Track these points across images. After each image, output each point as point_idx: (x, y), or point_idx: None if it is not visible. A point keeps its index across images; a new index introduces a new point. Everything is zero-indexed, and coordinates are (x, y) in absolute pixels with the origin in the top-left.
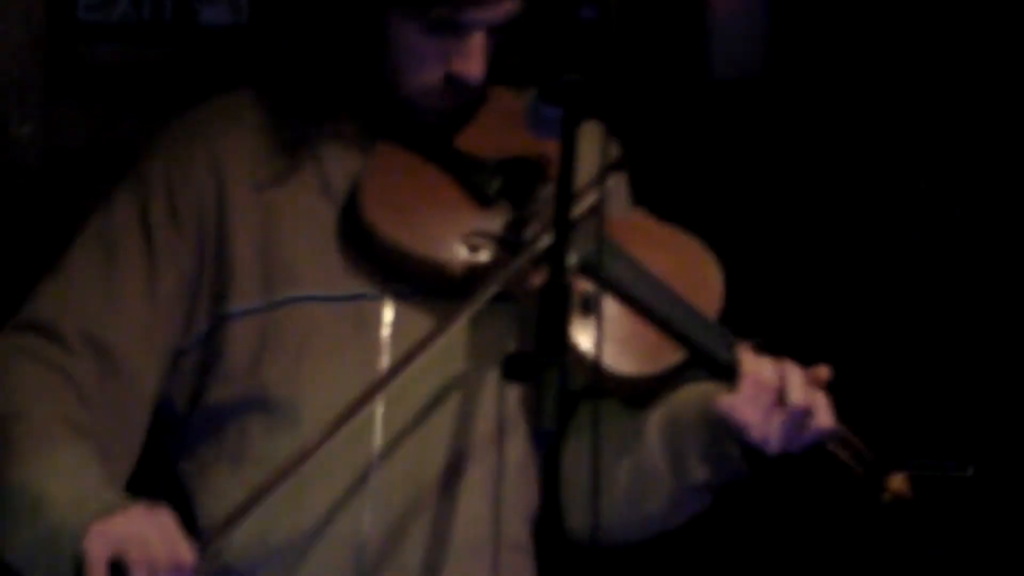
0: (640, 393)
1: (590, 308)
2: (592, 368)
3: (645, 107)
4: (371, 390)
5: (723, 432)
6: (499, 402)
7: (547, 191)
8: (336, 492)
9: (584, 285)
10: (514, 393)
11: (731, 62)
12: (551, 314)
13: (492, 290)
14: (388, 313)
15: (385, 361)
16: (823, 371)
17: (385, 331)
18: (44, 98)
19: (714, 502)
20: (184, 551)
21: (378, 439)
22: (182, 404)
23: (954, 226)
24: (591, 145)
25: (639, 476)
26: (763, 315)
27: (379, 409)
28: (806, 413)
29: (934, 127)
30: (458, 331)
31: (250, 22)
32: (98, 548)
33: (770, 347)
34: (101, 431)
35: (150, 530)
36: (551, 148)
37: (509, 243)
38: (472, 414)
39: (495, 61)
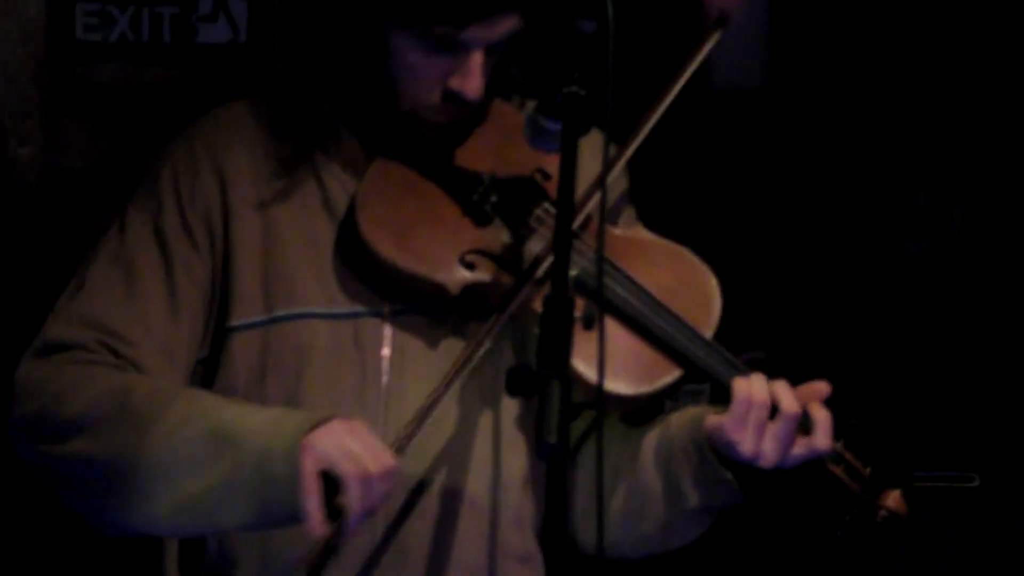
0: (637, 410)
1: (591, 325)
2: (590, 387)
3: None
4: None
5: (713, 456)
6: (496, 418)
7: (545, 207)
8: None
9: (585, 301)
10: (512, 409)
11: (732, 73)
12: (553, 329)
13: (508, 315)
14: (387, 330)
15: (385, 378)
16: (822, 387)
17: (385, 349)
18: (44, 118)
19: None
20: (388, 456)
21: None
22: None
23: (952, 238)
24: (592, 156)
25: (635, 497)
26: (764, 325)
27: (378, 428)
28: (796, 422)
29: (933, 139)
30: (454, 350)
31: (248, 41)
32: (310, 463)
33: (770, 359)
34: None
35: (352, 441)
36: (550, 162)
37: (507, 261)
38: (470, 431)
39: (496, 75)
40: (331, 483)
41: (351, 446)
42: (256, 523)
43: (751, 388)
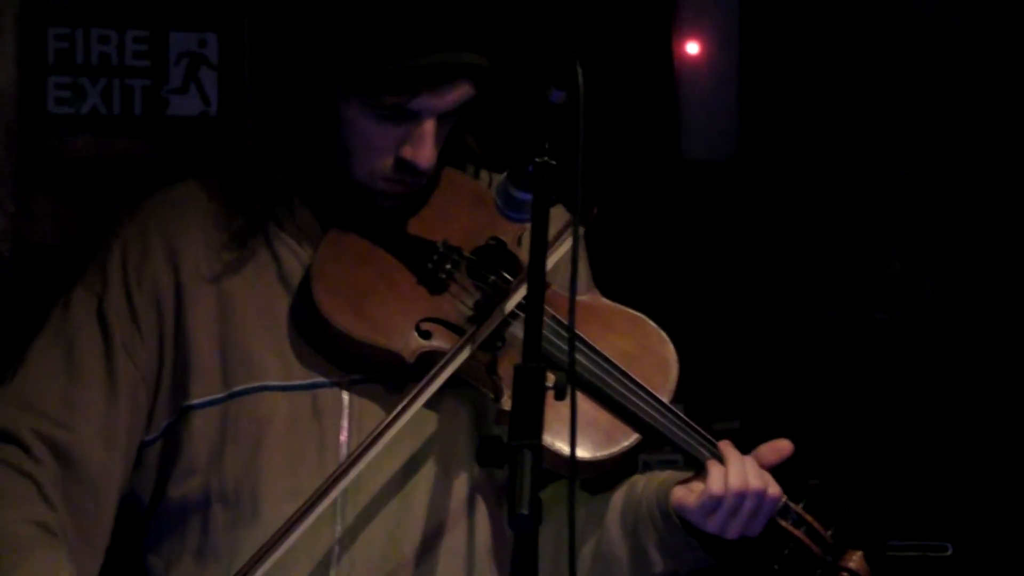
0: (600, 476)
1: (563, 395)
2: (553, 455)
3: (617, 186)
4: (330, 481)
5: (680, 525)
6: (457, 488)
7: (502, 274)
8: None
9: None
10: (472, 478)
11: (702, 143)
12: (525, 399)
13: (441, 379)
14: (346, 399)
15: (344, 449)
16: (785, 446)
17: (344, 421)
18: (16, 189)
19: None
20: None
21: (339, 527)
22: (147, 498)
23: (925, 306)
24: (552, 225)
25: (600, 561)
26: (737, 395)
27: (338, 498)
28: (768, 502)
29: (904, 210)
30: (413, 419)
31: (219, 113)
32: None
33: (743, 428)
34: (69, 532)
35: None
36: (503, 230)
37: (462, 329)
38: (431, 500)
39: (449, 144)
40: None
41: None
42: None
43: (723, 478)
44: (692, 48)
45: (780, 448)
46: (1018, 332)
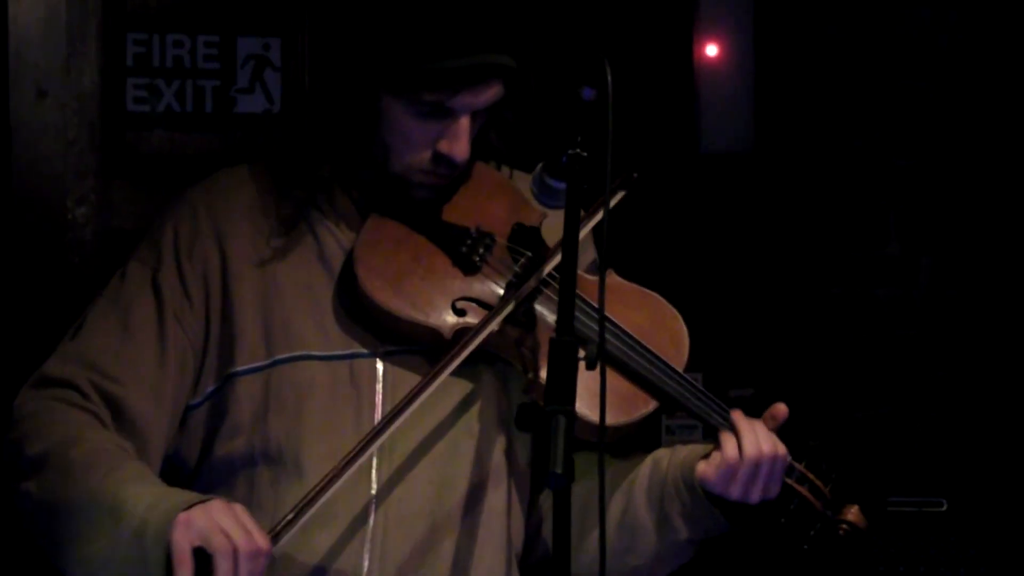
0: (617, 440)
1: (593, 365)
2: (582, 422)
3: (641, 177)
4: (365, 440)
5: (703, 496)
6: (482, 455)
7: (528, 255)
8: (337, 535)
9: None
10: (497, 446)
11: (720, 137)
12: (560, 369)
13: (470, 348)
14: (381, 368)
15: (379, 414)
16: (781, 410)
17: (379, 386)
18: (98, 181)
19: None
20: (261, 538)
21: (375, 484)
22: (192, 459)
23: (921, 284)
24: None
25: (626, 531)
26: (751, 365)
27: (373, 458)
28: (783, 465)
29: (904, 196)
30: (443, 387)
31: (282, 110)
32: (183, 539)
33: (756, 396)
34: None
35: (228, 521)
36: (527, 216)
37: (492, 307)
38: (457, 466)
39: (476, 140)
40: (204, 560)
41: (225, 524)
42: None
43: (737, 448)
44: (711, 50)
45: (776, 414)
46: (1005, 308)
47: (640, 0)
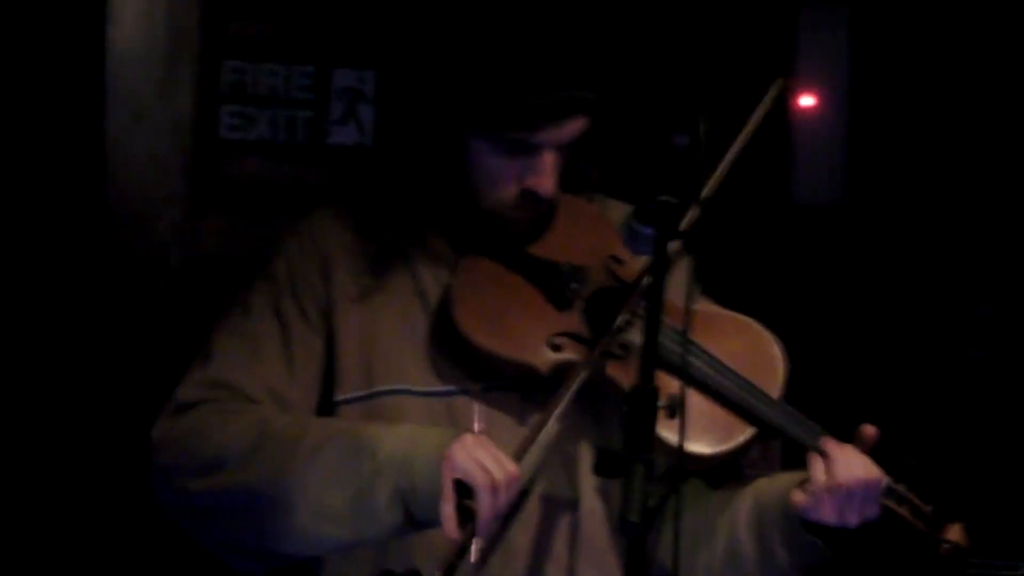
0: (716, 468)
1: (673, 415)
2: (674, 455)
3: (732, 229)
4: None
5: (801, 525)
6: (578, 483)
7: (619, 290)
8: None
9: (666, 383)
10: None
11: (812, 189)
12: (638, 418)
13: (576, 386)
14: (478, 407)
15: None
16: (870, 432)
17: (475, 426)
18: (189, 207)
19: None
20: (513, 466)
21: None
22: None
23: (1013, 347)
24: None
25: (729, 562)
26: (843, 417)
27: None
28: (878, 489)
29: (995, 256)
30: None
31: (375, 143)
32: (448, 473)
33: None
34: None
35: (483, 453)
36: (620, 249)
37: (588, 341)
38: (574, 493)
39: (567, 173)
40: (463, 490)
41: (482, 458)
42: (394, 529)
43: (825, 472)
44: (807, 101)
45: (865, 435)
46: None
47: (740, 49)
